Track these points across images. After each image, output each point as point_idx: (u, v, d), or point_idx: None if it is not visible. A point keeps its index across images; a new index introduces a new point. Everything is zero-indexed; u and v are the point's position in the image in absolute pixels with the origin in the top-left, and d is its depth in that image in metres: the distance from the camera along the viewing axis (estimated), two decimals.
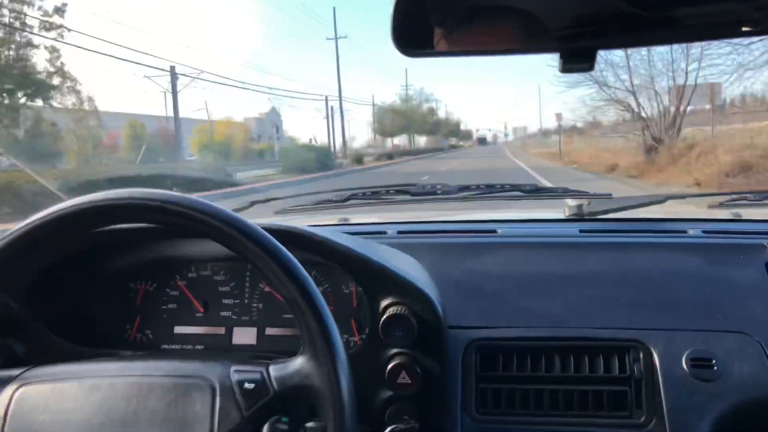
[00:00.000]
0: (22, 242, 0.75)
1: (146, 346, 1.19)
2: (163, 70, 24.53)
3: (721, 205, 1.42)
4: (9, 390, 0.77)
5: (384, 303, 0.98)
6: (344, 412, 0.72)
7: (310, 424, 0.74)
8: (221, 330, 1.18)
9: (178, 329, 1.19)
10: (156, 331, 1.20)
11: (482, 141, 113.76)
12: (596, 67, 0.61)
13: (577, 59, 0.61)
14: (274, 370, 0.76)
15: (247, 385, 0.75)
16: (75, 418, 0.74)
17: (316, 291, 0.75)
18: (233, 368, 0.77)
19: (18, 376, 0.79)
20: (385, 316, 0.96)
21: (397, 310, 0.96)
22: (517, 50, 0.64)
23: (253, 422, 0.73)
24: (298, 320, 0.75)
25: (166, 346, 1.19)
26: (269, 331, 1.17)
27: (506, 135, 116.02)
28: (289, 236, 0.96)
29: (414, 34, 0.64)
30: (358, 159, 35.99)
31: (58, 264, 1.06)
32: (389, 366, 0.97)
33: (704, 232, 1.31)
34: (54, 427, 0.74)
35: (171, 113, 25.58)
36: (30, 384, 0.78)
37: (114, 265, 1.17)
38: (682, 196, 1.46)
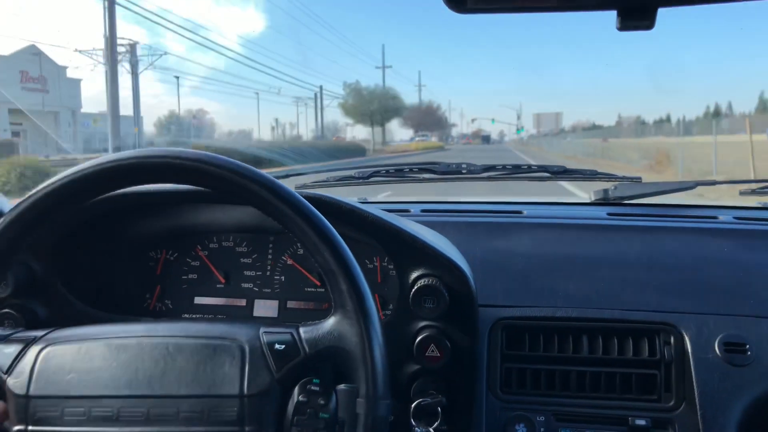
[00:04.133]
0: (52, 199, 0.74)
1: (166, 315, 1.18)
2: None
3: (753, 192, 1.39)
4: (34, 350, 0.76)
5: (414, 275, 0.97)
6: (377, 374, 0.70)
7: (341, 387, 0.72)
8: (242, 302, 1.17)
9: (199, 300, 1.18)
10: (176, 301, 1.19)
11: (486, 139, 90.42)
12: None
13: (637, 16, 0.58)
14: (305, 332, 0.74)
15: (277, 346, 0.73)
16: (103, 377, 0.73)
17: (348, 251, 0.73)
18: (262, 330, 0.75)
19: (42, 336, 0.78)
20: (416, 287, 0.94)
21: (428, 281, 0.94)
22: (572, 6, 0.62)
23: (283, 384, 0.72)
24: (330, 282, 0.73)
25: (186, 316, 1.17)
26: (291, 304, 1.15)
27: (519, 130, 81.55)
28: (318, 203, 0.94)
29: None
30: None
31: (81, 227, 1.04)
32: (418, 338, 0.95)
33: (736, 218, 1.29)
34: (82, 386, 0.73)
35: None
36: (55, 344, 0.76)
37: (136, 231, 1.16)
38: (712, 183, 1.43)
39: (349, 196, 1.56)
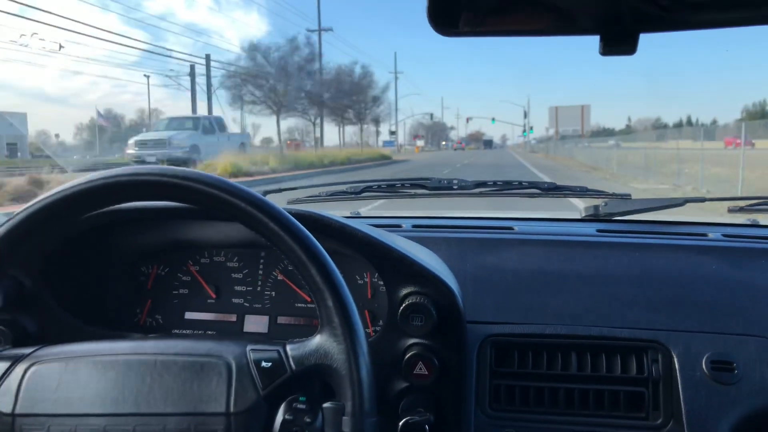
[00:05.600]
0: (42, 215, 0.74)
1: (156, 330, 1.18)
2: None
3: (741, 209, 1.40)
4: (20, 368, 0.75)
5: (403, 292, 0.97)
6: (363, 392, 0.70)
7: (327, 404, 0.72)
8: (232, 317, 1.17)
9: (189, 315, 1.18)
10: (166, 316, 1.19)
11: (488, 144, 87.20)
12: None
13: (619, 42, 0.59)
14: (292, 349, 0.74)
15: (264, 363, 0.73)
16: (89, 395, 0.72)
17: (334, 268, 0.74)
18: (249, 347, 0.75)
19: (29, 354, 0.78)
20: (404, 305, 0.95)
21: (416, 299, 0.94)
22: (555, 31, 0.62)
23: (269, 401, 0.72)
24: (316, 299, 0.74)
25: (176, 332, 1.17)
26: (281, 320, 1.15)
27: (526, 132, 65.18)
28: (307, 220, 0.94)
29: (450, 12, 0.62)
30: None
31: (72, 242, 1.04)
32: (406, 356, 0.95)
33: (724, 235, 1.29)
34: (68, 404, 0.72)
35: None
36: (42, 362, 0.76)
37: (128, 245, 1.16)
38: (701, 200, 1.44)
39: (341, 209, 1.57)
